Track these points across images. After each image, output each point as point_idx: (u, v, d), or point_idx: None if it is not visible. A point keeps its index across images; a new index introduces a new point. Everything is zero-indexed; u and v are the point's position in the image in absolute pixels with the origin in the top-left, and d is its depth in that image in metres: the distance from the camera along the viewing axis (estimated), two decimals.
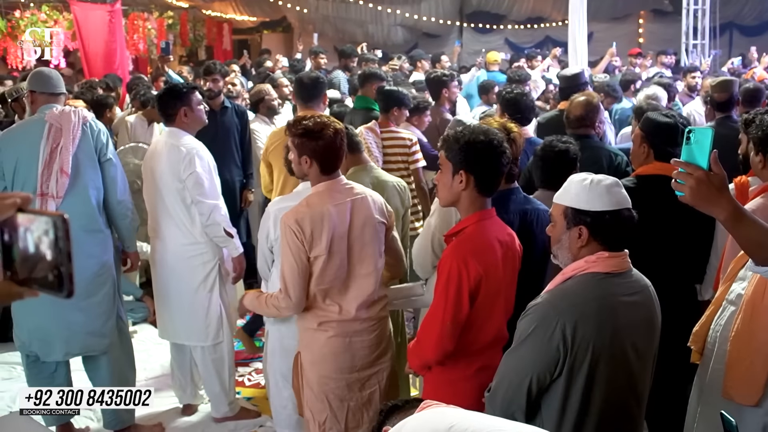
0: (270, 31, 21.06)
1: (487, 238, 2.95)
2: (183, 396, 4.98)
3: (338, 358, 3.56)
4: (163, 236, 4.65)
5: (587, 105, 4.96)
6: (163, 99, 4.68)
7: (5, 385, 5.43)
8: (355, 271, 3.51)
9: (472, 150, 2.94)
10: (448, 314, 2.89)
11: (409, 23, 18.40)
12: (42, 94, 4.40)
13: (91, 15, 12.04)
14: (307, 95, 5.36)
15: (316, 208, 3.40)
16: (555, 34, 17.88)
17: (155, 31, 15.26)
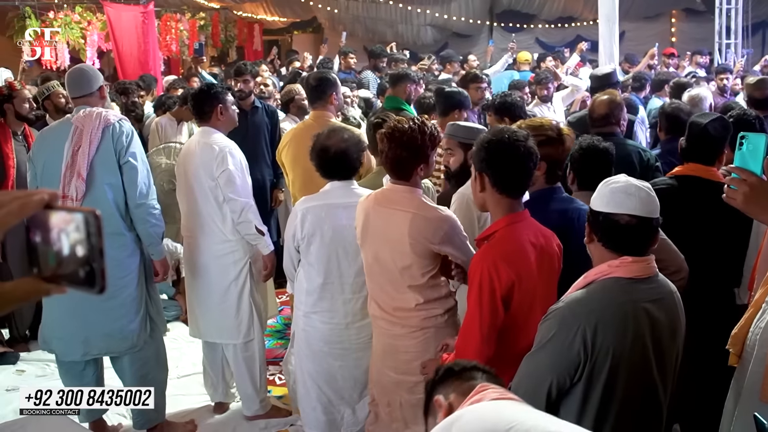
0: (300, 31, 21.11)
1: (519, 241, 2.92)
2: (215, 394, 5.00)
3: (384, 356, 3.63)
4: (195, 235, 4.67)
5: (611, 103, 4.93)
6: (198, 97, 4.70)
7: (38, 383, 5.47)
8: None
9: (487, 150, 2.93)
10: (485, 321, 2.87)
11: (438, 23, 18.36)
12: (74, 99, 4.44)
13: (125, 16, 12.16)
14: (313, 96, 5.34)
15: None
16: (586, 33, 17.74)
17: (187, 32, 15.34)
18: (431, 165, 3.51)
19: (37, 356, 5.85)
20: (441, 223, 3.37)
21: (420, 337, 3.49)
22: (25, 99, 5.82)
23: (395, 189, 3.49)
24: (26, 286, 0.97)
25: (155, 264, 4.50)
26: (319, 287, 3.96)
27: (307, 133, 5.05)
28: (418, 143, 3.38)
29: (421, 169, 3.43)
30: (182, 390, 5.27)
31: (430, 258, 3.41)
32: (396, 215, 3.42)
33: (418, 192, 3.48)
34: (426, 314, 3.47)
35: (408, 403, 3.58)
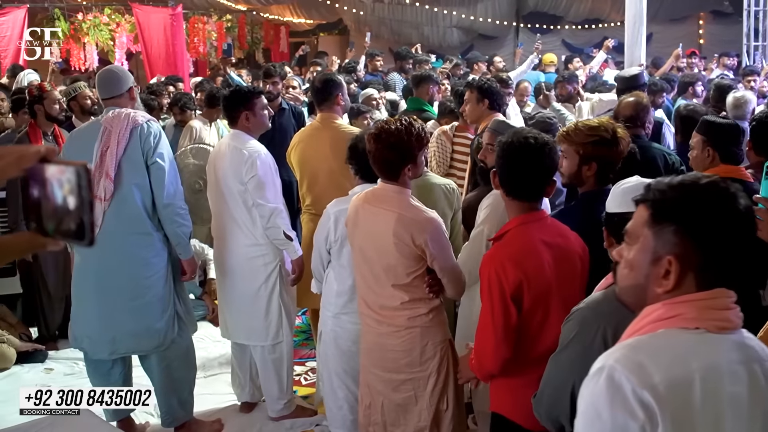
0: (326, 33, 21.15)
1: (529, 241, 2.92)
2: (242, 394, 5.03)
3: (371, 354, 3.65)
4: (225, 237, 4.70)
5: (637, 105, 4.90)
6: (227, 101, 4.73)
7: (67, 381, 5.54)
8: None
9: (500, 151, 2.97)
10: (498, 321, 2.88)
11: (464, 25, 18.32)
12: (104, 100, 4.49)
13: (153, 18, 12.28)
14: (319, 97, 5.31)
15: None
16: (613, 34, 17.54)
17: (215, 33, 15.44)
18: (419, 165, 3.53)
19: (66, 354, 5.91)
20: (425, 225, 3.39)
21: (405, 336, 3.52)
22: (55, 100, 5.88)
23: (384, 188, 3.52)
24: (24, 240, 0.99)
25: (183, 263, 4.52)
26: (350, 288, 3.97)
27: (314, 135, 5.07)
28: (404, 144, 3.41)
29: (409, 170, 3.46)
30: (209, 389, 5.30)
31: (414, 258, 3.43)
32: (382, 214, 3.45)
33: (407, 192, 3.51)
34: (411, 313, 3.49)
35: (392, 402, 3.61)
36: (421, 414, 3.53)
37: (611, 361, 1.56)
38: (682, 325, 1.61)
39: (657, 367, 1.53)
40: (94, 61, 13.71)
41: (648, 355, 1.56)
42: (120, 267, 4.32)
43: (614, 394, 1.52)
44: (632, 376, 1.52)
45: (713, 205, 1.63)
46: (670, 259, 1.63)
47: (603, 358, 1.60)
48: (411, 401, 3.56)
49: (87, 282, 4.39)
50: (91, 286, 4.38)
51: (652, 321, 1.63)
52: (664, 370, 1.53)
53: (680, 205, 1.65)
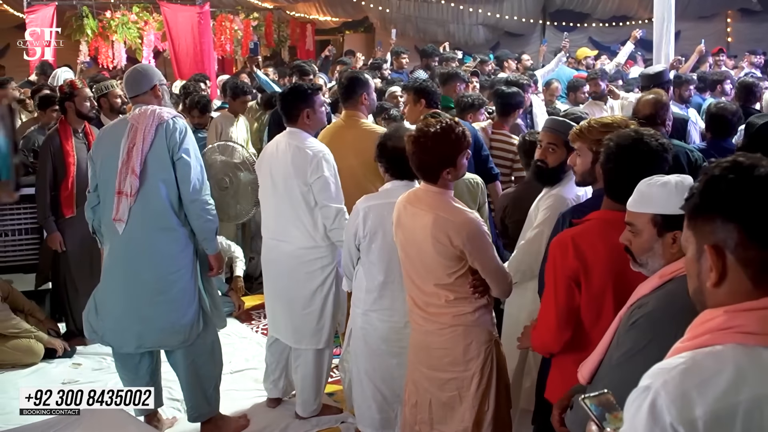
0: (352, 31, 21.19)
1: (608, 236, 2.83)
2: (273, 390, 5.02)
3: (419, 351, 3.63)
4: (281, 237, 4.65)
5: (656, 103, 4.86)
6: (287, 99, 4.69)
7: (95, 376, 5.60)
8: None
9: (606, 153, 2.92)
10: (560, 300, 2.88)
11: (490, 22, 18.27)
12: (131, 98, 4.53)
13: (181, 16, 12.34)
14: (344, 95, 5.30)
15: None
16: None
17: (241, 32, 15.50)
18: (460, 168, 3.47)
19: (94, 350, 5.96)
20: (463, 226, 3.36)
21: (448, 335, 3.50)
22: (86, 98, 5.92)
23: (426, 189, 3.51)
24: None
25: (210, 258, 4.52)
26: (379, 285, 3.97)
27: (337, 133, 5.05)
28: (443, 148, 3.37)
29: (448, 173, 3.42)
30: (235, 385, 5.31)
31: (454, 259, 3.40)
32: (421, 215, 3.44)
33: (448, 193, 3.48)
34: (456, 311, 3.47)
35: (438, 400, 3.59)
36: (464, 414, 3.51)
37: (659, 383, 1.50)
38: (741, 340, 1.50)
39: (702, 399, 1.46)
40: (122, 59, 13.80)
41: (697, 383, 1.48)
42: (146, 262, 4.34)
43: (654, 423, 1.48)
44: (673, 407, 1.46)
45: (754, 183, 1.52)
46: (707, 247, 1.56)
47: (653, 374, 1.53)
48: (456, 400, 3.54)
49: (115, 277, 4.42)
50: (118, 280, 4.41)
51: (711, 330, 1.55)
52: (709, 403, 1.46)
53: (713, 190, 1.56)
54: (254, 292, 7.30)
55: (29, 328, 5.83)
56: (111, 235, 4.39)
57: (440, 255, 3.39)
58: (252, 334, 6.39)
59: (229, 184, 6.37)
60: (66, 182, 5.87)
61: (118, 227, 4.30)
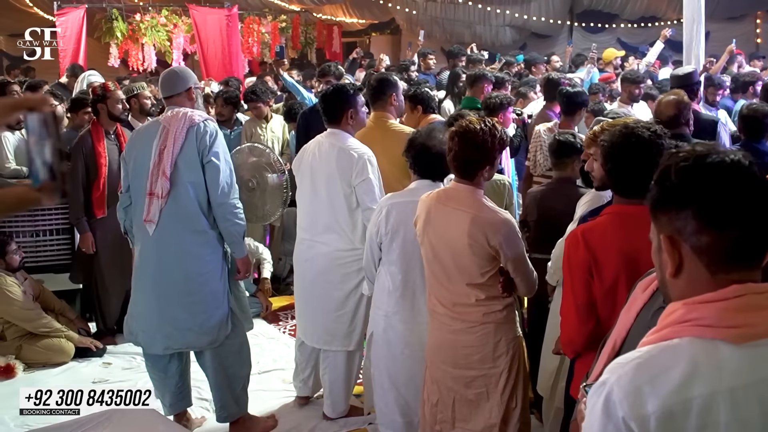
0: (378, 33, 21.21)
1: (618, 230, 2.87)
2: (303, 388, 5.03)
3: (441, 350, 3.63)
4: (318, 239, 4.64)
5: (679, 103, 4.83)
6: (329, 100, 4.68)
7: (125, 375, 5.64)
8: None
9: (606, 149, 2.95)
10: (578, 293, 2.90)
11: (517, 23, 18.21)
12: (165, 99, 4.57)
13: (209, 19, 12.44)
14: (373, 96, 5.28)
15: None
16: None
17: (269, 34, 15.56)
18: (495, 167, 3.54)
19: (124, 349, 6.00)
20: (500, 226, 3.39)
21: (479, 332, 3.51)
22: (118, 99, 5.99)
23: (458, 188, 3.52)
24: (15, 193, 0.99)
25: (237, 262, 4.54)
26: (401, 285, 3.98)
27: (366, 134, 5.03)
28: (488, 145, 3.40)
29: (486, 171, 3.46)
30: (263, 386, 5.33)
31: (488, 258, 3.42)
32: (456, 214, 3.45)
33: (480, 192, 3.50)
34: (486, 309, 3.49)
35: (463, 398, 3.59)
36: (492, 411, 3.53)
37: (614, 379, 1.49)
38: (698, 333, 1.48)
39: (654, 395, 1.44)
40: (152, 62, 13.90)
41: (649, 378, 1.46)
42: (176, 263, 4.37)
43: (608, 418, 1.47)
44: (626, 402, 1.45)
45: (706, 168, 1.51)
46: (662, 236, 1.55)
47: (610, 369, 1.52)
48: (483, 398, 3.55)
49: (145, 277, 4.46)
50: (148, 281, 4.45)
51: (671, 323, 1.53)
52: (661, 398, 1.44)
53: (666, 179, 1.55)
54: (282, 293, 7.33)
55: (60, 327, 5.89)
56: (142, 235, 4.43)
57: (475, 254, 3.40)
58: (279, 334, 6.41)
59: (256, 185, 6.39)
60: (98, 183, 5.93)
61: (148, 228, 4.34)
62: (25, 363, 5.73)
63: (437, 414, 3.67)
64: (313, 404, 5.06)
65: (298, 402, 5.07)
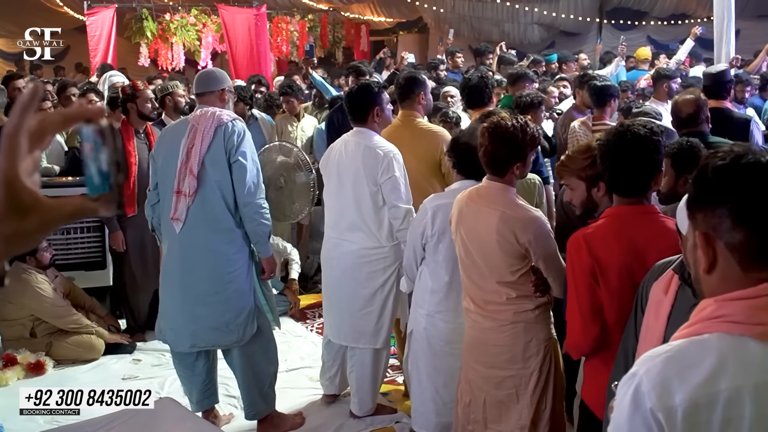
0: (406, 32, 21.18)
1: (619, 232, 2.87)
2: (329, 386, 5.04)
3: (474, 349, 3.62)
4: (345, 237, 4.65)
5: (698, 101, 4.78)
6: (355, 98, 4.69)
7: (154, 371, 5.70)
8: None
9: (604, 148, 2.95)
10: (583, 299, 2.88)
11: (546, 21, 18.09)
12: (197, 95, 4.61)
13: (238, 18, 12.48)
14: (401, 95, 5.27)
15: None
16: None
17: (297, 33, 15.61)
18: (527, 166, 3.52)
19: (153, 346, 6.04)
20: (529, 224, 3.38)
21: (509, 331, 3.49)
22: (148, 99, 6.04)
23: (489, 186, 3.51)
24: (71, 203, 0.99)
25: (262, 262, 4.56)
26: (445, 285, 3.97)
27: (394, 133, 5.03)
28: (518, 141, 3.39)
29: (518, 168, 3.44)
30: (290, 383, 5.35)
31: (518, 257, 3.40)
32: (486, 212, 3.44)
33: (512, 190, 3.48)
34: (517, 308, 3.47)
35: (493, 399, 3.57)
36: (521, 412, 3.50)
37: (643, 370, 1.51)
38: (727, 329, 1.49)
39: (682, 387, 1.46)
40: (181, 61, 13.98)
41: (678, 371, 1.49)
42: (202, 261, 4.40)
43: (636, 409, 1.50)
44: (654, 393, 1.47)
45: (742, 167, 1.53)
46: (697, 233, 1.57)
47: (641, 361, 1.55)
48: (512, 399, 3.53)
49: (172, 275, 4.50)
50: (176, 279, 4.48)
51: (702, 319, 1.55)
52: (688, 390, 1.46)
53: (704, 178, 1.57)
54: (309, 292, 7.36)
55: (90, 324, 5.95)
56: (169, 233, 4.46)
57: (505, 252, 3.39)
58: (307, 332, 6.44)
59: (284, 183, 6.41)
60: (128, 181, 5.97)
61: (175, 226, 4.37)
62: (55, 360, 5.79)
63: (470, 414, 3.65)
64: (340, 402, 5.06)
65: (325, 400, 5.08)
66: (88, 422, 3.94)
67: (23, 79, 8.13)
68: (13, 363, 5.56)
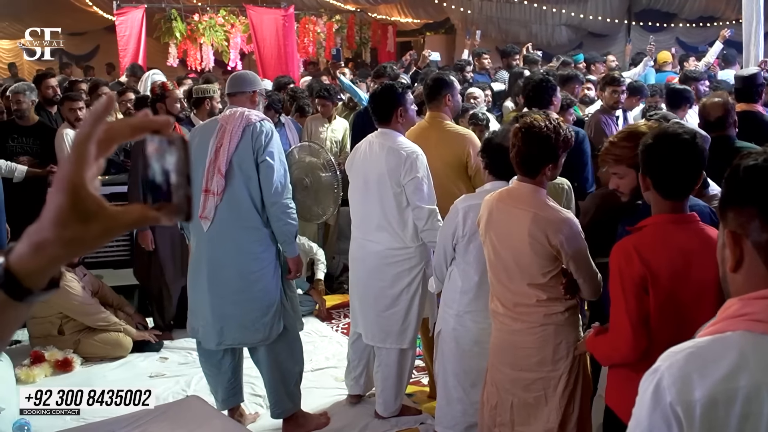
0: (433, 32, 21.19)
1: (665, 241, 2.82)
2: (354, 386, 5.05)
3: (502, 352, 3.59)
4: (370, 237, 4.66)
5: (726, 104, 4.73)
6: (378, 99, 4.69)
7: (181, 370, 5.73)
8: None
9: (647, 152, 2.87)
10: (632, 309, 2.81)
11: (574, 22, 18.01)
12: (228, 95, 4.65)
13: (266, 19, 12.54)
14: (429, 96, 5.25)
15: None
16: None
17: (324, 34, 15.66)
18: (559, 167, 3.48)
19: (180, 344, 6.10)
20: (561, 225, 3.34)
21: (539, 333, 3.46)
22: (177, 99, 6.09)
23: (520, 187, 3.48)
24: (134, 211, 1.01)
25: (288, 261, 4.56)
26: (475, 285, 3.96)
27: (421, 134, 5.02)
28: (551, 142, 3.35)
29: (549, 169, 3.41)
30: (315, 383, 5.37)
31: (550, 258, 3.37)
32: (517, 213, 3.41)
33: (542, 191, 3.45)
34: (547, 311, 3.44)
35: (521, 402, 3.54)
36: (550, 415, 3.47)
37: (665, 366, 1.52)
38: (749, 327, 1.50)
39: (702, 382, 1.48)
40: (210, 61, 14.06)
41: (699, 367, 1.50)
42: (230, 260, 4.42)
43: (656, 403, 1.51)
44: (674, 388, 1.49)
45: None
46: (726, 231, 1.58)
47: (663, 357, 1.55)
48: (541, 401, 3.50)
49: (201, 274, 4.52)
50: (203, 277, 4.50)
51: (726, 318, 1.56)
52: (708, 386, 1.47)
53: (734, 179, 1.58)
54: (335, 292, 7.37)
55: (118, 321, 5.99)
56: (197, 232, 4.50)
57: (536, 254, 3.36)
58: (332, 332, 6.45)
59: (309, 184, 6.43)
60: None
61: (203, 225, 4.40)
62: (83, 357, 5.84)
63: (496, 417, 3.63)
64: (365, 402, 5.08)
65: (350, 400, 5.09)
66: (115, 420, 3.97)
67: (54, 78, 8.19)
68: (40, 360, 5.61)
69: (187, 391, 5.21)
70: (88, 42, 20.94)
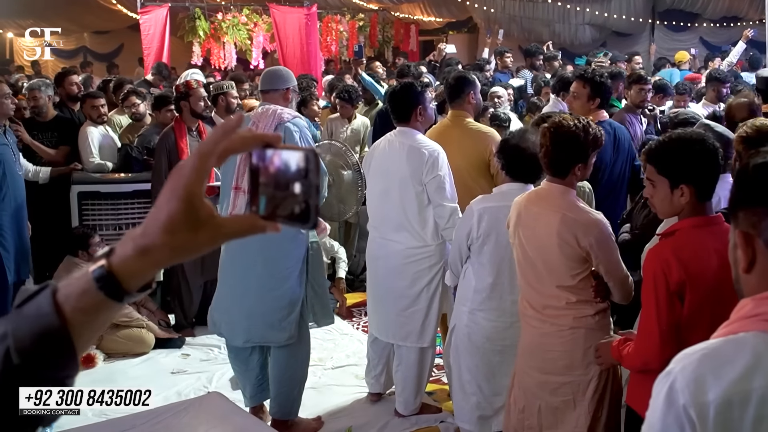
0: (455, 32, 21.13)
1: (700, 244, 2.80)
2: (375, 384, 5.06)
3: (530, 355, 3.57)
4: (390, 237, 4.66)
5: (751, 105, 4.71)
6: (397, 98, 4.70)
7: (203, 366, 5.75)
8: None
9: (689, 160, 2.84)
10: (663, 317, 2.78)
11: (597, 22, 17.92)
12: (261, 92, 4.68)
13: (289, 18, 12.56)
14: (451, 94, 5.24)
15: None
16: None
17: (347, 33, 15.67)
18: (589, 167, 3.44)
19: (202, 341, 6.13)
20: (591, 227, 3.30)
21: (568, 336, 3.42)
22: (201, 97, 6.11)
23: (549, 188, 3.45)
24: (242, 221, 1.03)
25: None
26: (489, 286, 3.97)
27: (443, 133, 5.02)
28: (580, 142, 3.32)
29: (579, 170, 3.37)
30: (336, 381, 5.40)
31: (579, 260, 3.34)
32: (546, 214, 3.38)
33: (572, 193, 3.41)
34: (576, 314, 3.40)
35: (549, 406, 3.51)
36: (578, 419, 3.43)
37: (678, 368, 1.51)
38: (762, 328, 1.48)
39: (716, 384, 1.46)
40: (233, 60, 14.11)
41: (712, 368, 1.49)
42: (259, 258, 4.43)
43: (670, 405, 1.50)
44: (687, 390, 1.47)
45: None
46: (737, 232, 1.57)
47: (677, 359, 1.55)
48: (569, 405, 3.46)
49: (231, 270, 4.54)
50: (234, 274, 4.53)
51: (739, 318, 1.54)
52: (722, 387, 1.46)
53: (743, 179, 1.59)
54: (356, 290, 7.38)
55: (141, 318, 6.03)
56: None
57: (565, 256, 3.33)
58: (353, 330, 6.46)
59: (332, 182, 6.45)
60: None
61: None
62: (105, 353, 5.87)
63: (524, 420, 3.60)
64: (385, 401, 5.08)
65: (370, 398, 5.10)
66: (136, 416, 3.99)
67: (77, 75, 8.26)
68: None
69: (209, 388, 5.23)
70: (113, 40, 21.10)
